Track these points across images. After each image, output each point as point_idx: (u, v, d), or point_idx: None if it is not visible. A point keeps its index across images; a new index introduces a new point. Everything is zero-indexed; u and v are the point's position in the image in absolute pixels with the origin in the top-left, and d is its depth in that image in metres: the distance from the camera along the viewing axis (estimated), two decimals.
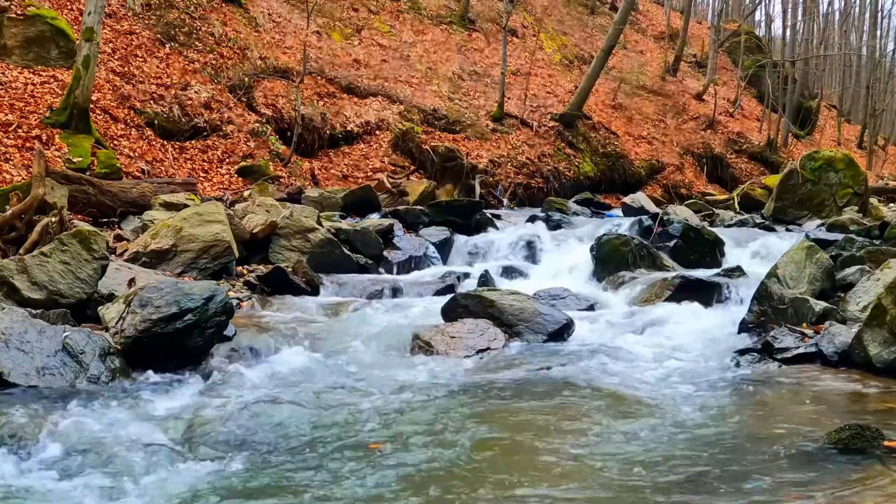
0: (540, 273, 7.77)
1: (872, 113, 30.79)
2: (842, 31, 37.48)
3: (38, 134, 9.28)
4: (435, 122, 16.33)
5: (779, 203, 11.98)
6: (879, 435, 2.94)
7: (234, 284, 6.09)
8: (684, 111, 23.24)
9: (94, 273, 4.79)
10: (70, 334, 3.90)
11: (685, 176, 20.19)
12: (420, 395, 3.78)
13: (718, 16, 30.40)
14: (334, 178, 13.65)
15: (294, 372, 4.15)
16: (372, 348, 4.72)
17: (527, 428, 3.32)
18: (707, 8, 42.20)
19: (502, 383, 4.05)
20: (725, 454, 2.99)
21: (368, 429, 3.28)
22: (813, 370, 4.28)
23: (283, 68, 14.92)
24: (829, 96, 36.01)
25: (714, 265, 7.78)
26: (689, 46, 27.82)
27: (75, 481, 2.70)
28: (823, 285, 5.64)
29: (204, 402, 3.58)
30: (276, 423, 3.33)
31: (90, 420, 3.23)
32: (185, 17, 14.24)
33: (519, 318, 5.06)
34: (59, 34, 10.94)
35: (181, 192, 8.81)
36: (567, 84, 21.08)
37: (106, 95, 11.16)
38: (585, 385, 3.98)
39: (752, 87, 27.55)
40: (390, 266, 7.70)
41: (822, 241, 7.36)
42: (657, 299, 6.16)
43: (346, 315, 5.42)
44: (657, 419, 3.44)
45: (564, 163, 17.28)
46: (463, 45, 20.52)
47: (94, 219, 7.72)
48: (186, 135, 12.04)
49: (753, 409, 3.61)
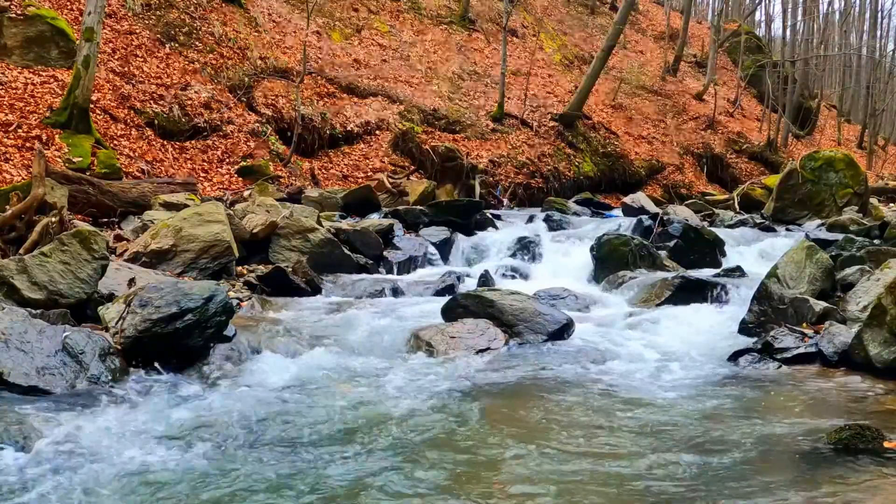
0: (540, 273, 7.77)
1: (872, 113, 30.80)
2: (842, 31, 37.48)
3: (38, 134, 9.28)
4: (435, 122, 16.33)
5: (779, 203, 11.99)
6: (879, 435, 2.95)
7: (234, 284, 6.09)
8: (684, 111, 23.25)
9: (94, 273, 4.79)
10: (70, 334, 3.90)
11: (685, 176, 20.20)
12: (420, 394, 3.79)
13: (718, 16, 30.41)
14: (334, 178, 13.66)
15: (294, 372, 4.15)
16: (372, 348, 4.72)
17: (527, 428, 3.33)
18: (707, 8, 42.22)
19: (502, 383, 4.06)
20: (725, 454, 2.99)
21: (368, 428, 3.28)
22: (813, 370, 4.29)
23: (283, 68, 14.93)
24: (829, 96, 36.00)
25: (714, 265, 7.78)
26: (689, 46, 27.81)
27: (75, 481, 2.71)
28: (823, 285, 5.65)
29: (204, 402, 3.59)
30: (276, 422, 3.34)
31: (90, 420, 3.24)
32: (185, 17, 14.24)
33: (519, 318, 5.06)
34: (59, 34, 10.95)
35: (181, 192, 8.80)
36: (567, 84, 21.08)
37: (106, 95, 11.16)
38: (585, 385, 3.98)
39: (752, 87, 27.55)
40: (390, 266, 7.70)
41: (822, 241, 7.38)
42: (657, 299, 6.16)
43: (345, 315, 5.42)
44: (657, 419, 3.44)
45: (564, 163, 17.28)
46: (463, 45, 20.52)
47: (94, 219, 7.71)
48: (186, 135, 12.05)
49: (753, 409, 3.61)
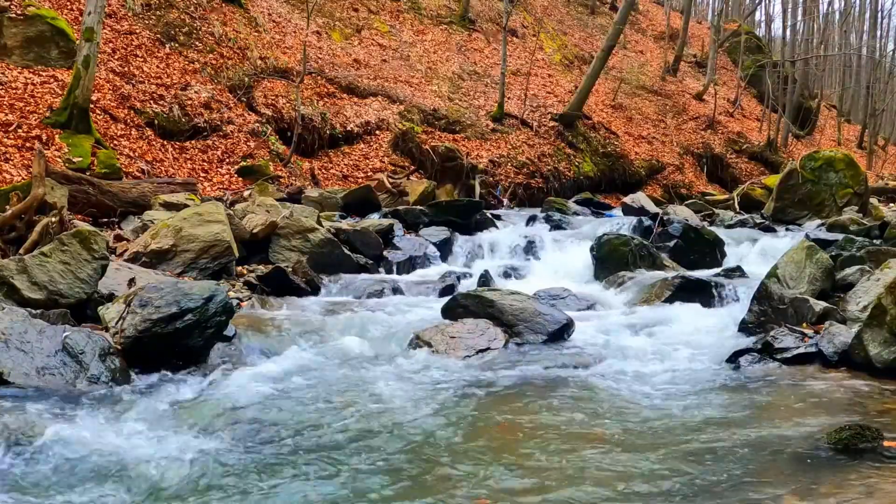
0: (540, 273, 7.76)
1: (872, 113, 30.82)
2: (842, 31, 37.49)
3: (38, 134, 9.28)
4: (435, 122, 16.33)
5: (779, 203, 11.99)
6: (879, 435, 2.95)
7: (234, 284, 6.09)
8: (684, 111, 23.25)
9: (95, 273, 4.79)
10: (70, 334, 3.90)
11: (685, 176, 20.20)
12: (420, 394, 3.79)
13: (718, 16, 30.43)
14: (334, 178, 13.65)
15: (293, 372, 4.15)
16: (372, 348, 4.72)
17: (527, 428, 3.33)
18: (707, 8, 42.25)
19: (502, 383, 4.06)
20: (725, 454, 2.99)
21: (368, 428, 3.28)
22: (813, 370, 4.28)
23: (283, 68, 14.93)
24: (829, 96, 36.01)
25: (714, 265, 7.78)
26: (689, 46, 27.82)
27: (74, 481, 2.71)
28: (823, 285, 5.65)
29: (204, 402, 3.59)
30: (276, 422, 3.34)
31: (90, 420, 3.24)
32: (185, 17, 14.23)
33: (519, 318, 5.05)
34: (59, 34, 10.94)
35: (181, 192, 8.80)
36: (567, 84, 21.08)
37: (106, 95, 11.16)
38: (585, 385, 3.98)
39: (752, 87, 27.56)
40: (390, 266, 7.70)
41: (822, 241, 7.37)
42: (657, 299, 6.16)
43: (345, 315, 5.42)
44: (657, 419, 3.44)
45: (564, 163, 17.28)
46: (463, 45, 20.52)
47: (94, 219, 7.71)
48: (186, 135, 12.05)
49: (753, 409, 3.61)
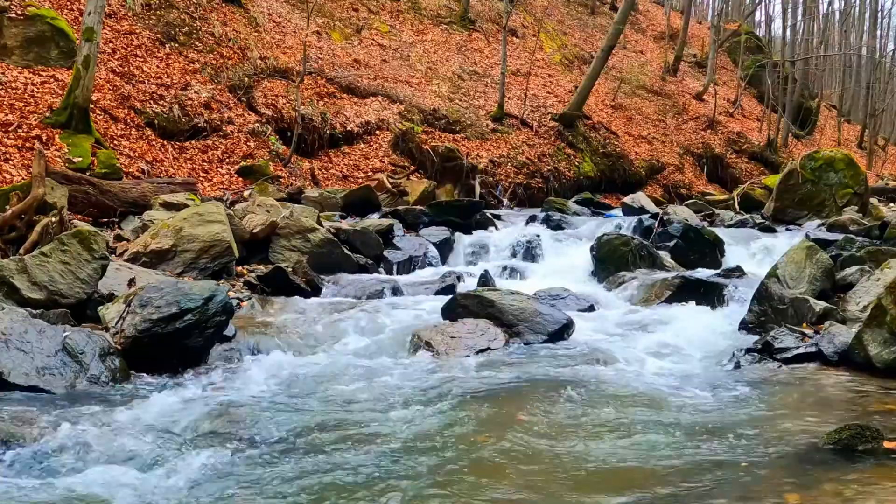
0: (540, 273, 7.77)
1: (872, 113, 30.83)
2: (842, 31, 37.49)
3: (38, 134, 9.28)
4: (435, 122, 16.32)
5: (779, 203, 11.99)
6: (879, 435, 2.94)
7: (234, 284, 6.09)
8: (684, 111, 23.25)
9: (95, 273, 4.79)
10: (70, 334, 3.90)
11: (685, 176, 20.19)
12: (419, 394, 3.79)
13: (718, 16, 30.43)
14: (334, 178, 13.65)
15: (293, 372, 4.15)
16: (372, 348, 4.72)
17: (527, 428, 3.32)
18: (707, 8, 42.24)
19: (502, 383, 4.05)
20: (725, 454, 2.99)
21: (368, 427, 3.28)
22: (813, 370, 4.28)
23: (283, 68, 14.92)
24: (829, 96, 36.01)
25: (714, 265, 7.78)
26: (689, 46, 27.81)
27: (74, 481, 2.70)
28: (823, 285, 5.65)
29: (204, 402, 3.59)
30: (275, 421, 3.34)
31: (90, 420, 3.23)
32: (185, 17, 14.23)
33: (519, 319, 5.05)
34: (59, 34, 10.94)
35: (181, 192, 8.81)
36: (567, 84, 21.08)
37: (106, 95, 11.16)
38: (585, 385, 3.98)
39: (752, 87, 27.55)
40: (390, 266, 7.70)
41: (822, 241, 7.37)
42: (657, 299, 6.16)
43: (345, 315, 5.42)
44: (657, 419, 3.44)
45: (564, 163, 17.28)
46: (463, 45, 20.52)
47: (94, 219, 7.72)
48: (186, 135, 12.04)
49: (753, 409, 3.60)
